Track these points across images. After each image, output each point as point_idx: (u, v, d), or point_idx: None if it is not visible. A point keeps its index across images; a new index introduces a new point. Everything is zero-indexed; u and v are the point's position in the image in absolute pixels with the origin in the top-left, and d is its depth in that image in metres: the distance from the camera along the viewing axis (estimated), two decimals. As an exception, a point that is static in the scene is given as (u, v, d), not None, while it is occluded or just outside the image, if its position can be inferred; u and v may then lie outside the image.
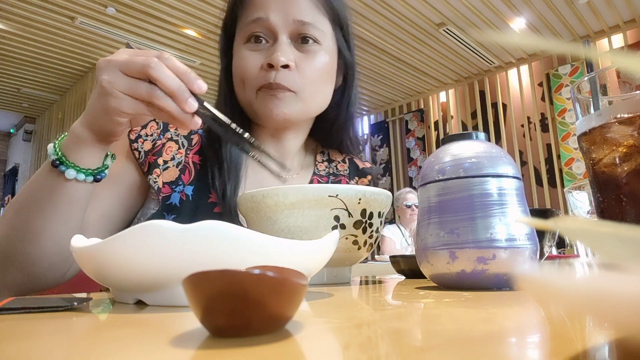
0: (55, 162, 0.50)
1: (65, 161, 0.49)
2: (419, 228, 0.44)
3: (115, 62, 0.45)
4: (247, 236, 0.28)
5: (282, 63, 0.63)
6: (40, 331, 0.22)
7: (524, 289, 0.12)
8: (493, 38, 4.31)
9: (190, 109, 0.45)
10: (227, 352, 0.15)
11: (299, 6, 0.65)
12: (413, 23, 3.73)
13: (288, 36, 0.65)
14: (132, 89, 0.45)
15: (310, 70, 0.66)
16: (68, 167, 0.49)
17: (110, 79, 0.44)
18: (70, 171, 0.49)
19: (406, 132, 5.27)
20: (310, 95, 0.67)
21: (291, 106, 0.65)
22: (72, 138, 0.49)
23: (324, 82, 0.69)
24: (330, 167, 0.81)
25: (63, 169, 0.49)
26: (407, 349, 0.17)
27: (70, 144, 0.50)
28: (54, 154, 0.50)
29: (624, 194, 0.32)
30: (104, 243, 0.29)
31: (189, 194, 0.65)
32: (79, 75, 4.55)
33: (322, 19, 0.68)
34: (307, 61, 0.66)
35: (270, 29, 0.65)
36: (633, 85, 0.36)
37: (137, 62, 0.44)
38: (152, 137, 0.66)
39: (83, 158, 0.50)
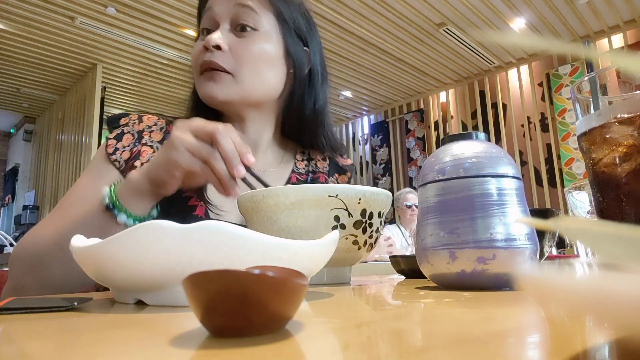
0: (110, 205, 0.55)
1: (119, 206, 0.55)
2: (419, 228, 0.44)
3: (191, 125, 0.53)
4: (247, 236, 0.28)
5: (213, 43, 0.67)
6: (40, 331, 0.22)
7: (524, 289, 0.12)
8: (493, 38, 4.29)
9: (239, 174, 0.52)
10: (227, 352, 0.15)
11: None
12: (413, 23, 3.73)
13: (229, 23, 0.70)
14: (195, 147, 0.52)
15: (245, 53, 0.69)
16: (120, 212, 0.55)
17: (180, 135, 0.52)
18: (122, 215, 0.55)
19: (406, 132, 5.26)
20: (248, 78, 0.70)
21: (228, 88, 0.69)
22: (129, 185, 0.55)
23: (263, 67, 0.71)
24: (310, 165, 0.84)
25: (116, 213, 0.55)
26: (407, 349, 0.17)
27: (125, 191, 0.55)
28: (109, 198, 0.56)
29: (623, 194, 0.32)
30: (104, 243, 0.29)
31: None
32: (79, 75, 4.55)
33: (263, 10, 0.72)
34: (242, 45, 0.69)
35: (214, 18, 0.70)
36: (633, 85, 0.36)
37: (208, 127, 0.52)
38: (130, 147, 0.70)
39: (134, 205, 0.56)
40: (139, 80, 4.62)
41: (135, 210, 0.56)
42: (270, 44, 0.72)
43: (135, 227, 0.27)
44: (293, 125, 0.81)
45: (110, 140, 0.69)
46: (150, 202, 0.57)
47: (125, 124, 0.72)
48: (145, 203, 0.56)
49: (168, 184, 0.54)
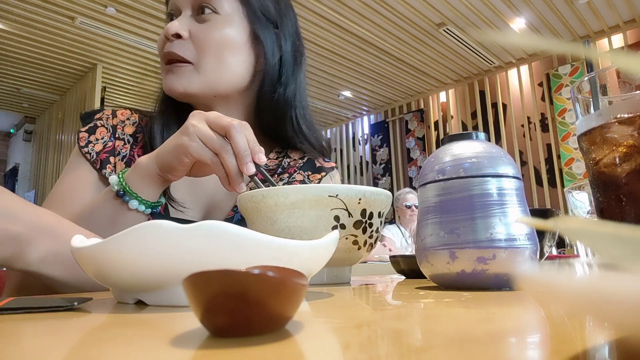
0: (120, 192, 0.55)
1: (129, 192, 0.55)
2: (419, 228, 0.44)
3: (206, 115, 0.53)
4: (247, 236, 0.28)
5: (171, 32, 0.65)
6: (40, 331, 0.22)
7: (524, 289, 0.12)
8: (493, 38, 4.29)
9: (248, 171, 0.52)
10: (227, 352, 0.15)
11: None
12: (413, 23, 3.73)
13: (190, 9, 0.67)
14: (208, 138, 0.51)
15: (206, 39, 0.66)
16: (132, 198, 0.55)
17: (195, 124, 0.52)
18: (133, 202, 0.55)
19: (406, 132, 5.27)
20: (210, 67, 0.66)
21: (190, 79, 0.66)
22: (137, 170, 0.55)
23: (226, 54, 0.68)
24: (283, 162, 0.79)
25: (127, 199, 0.55)
26: (407, 349, 0.17)
27: (134, 176, 0.55)
28: (118, 185, 0.55)
29: (623, 194, 0.32)
30: (104, 243, 0.29)
31: None
32: (79, 75, 4.55)
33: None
34: (203, 31, 0.66)
35: (177, 5, 0.68)
36: (633, 85, 0.36)
37: (224, 120, 0.52)
38: (103, 140, 0.70)
39: (144, 190, 0.55)
40: (139, 80, 4.62)
41: (145, 195, 0.55)
42: (232, 29, 0.68)
43: (135, 227, 0.27)
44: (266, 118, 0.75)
45: (82, 134, 0.69)
46: (159, 188, 0.57)
47: (99, 118, 0.72)
48: (154, 188, 0.56)
49: (176, 170, 0.54)
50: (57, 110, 5.27)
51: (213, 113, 0.53)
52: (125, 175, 0.55)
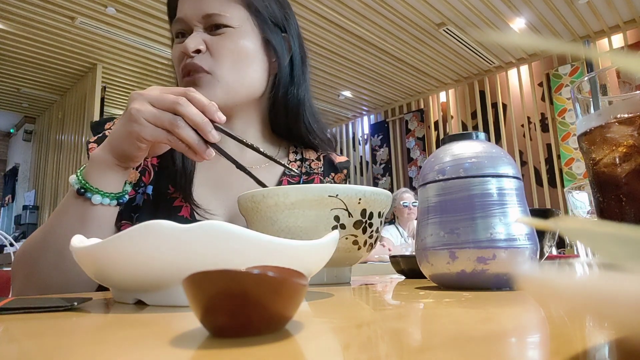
0: (80, 190, 0.53)
1: (90, 188, 0.53)
2: (419, 228, 0.44)
3: (147, 95, 0.51)
4: (247, 236, 0.28)
5: (191, 49, 0.66)
6: (40, 331, 0.22)
7: (524, 289, 0.12)
8: (493, 38, 4.30)
9: (214, 139, 0.51)
10: (227, 352, 0.15)
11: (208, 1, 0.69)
12: (413, 23, 3.73)
13: (202, 27, 0.69)
14: (157, 118, 0.50)
15: (223, 50, 0.68)
16: (93, 193, 0.53)
17: (138, 108, 0.50)
18: (96, 197, 0.53)
19: (406, 132, 5.26)
20: (229, 76, 0.68)
21: (211, 89, 0.67)
22: (94, 164, 0.54)
23: (243, 64, 0.70)
24: (303, 166, 0.82)
25: (89, 196, 0.53)
26: (407, 349, 0.17)
27: (92, 170, 0.54)
28: (78, 183, 0.53)
29: (623, 194, 0.32)
30: (104, 243, 0.29)
31: (149, 193, 0.69)
32: (79, 75, 4.55)
33: (232, 6, 0.70)
34: (220, 42, 0.68)
35: (186, 24, 0.69)
36: (633, 85, 0.36)
37: (167, 98, 0.50)
38: None
39: (105, 183, 0.54)
40: (139, 80, 4.62)
41: (107, 187, 0.54)
42: (246, 39, 0.70)
43: (135, 227, 0.27)
44: (280, 118, 0.79)
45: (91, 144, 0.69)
46: (121, 177, 0.55)
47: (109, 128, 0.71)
48: (115, 179, 0.55)
49: (135, 156, 0.53)
50: (57, 110, 5.27)
51: (153, 91, 0.51)
52: (84, 172, 0.54)
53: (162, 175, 0.70)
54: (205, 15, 0.68)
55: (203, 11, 0.68)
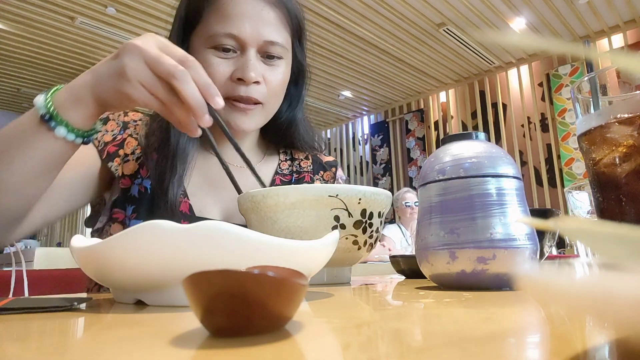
0: (45, 116, 0.46)
1: (56, 117, 0.46)
2: (419, 228, 0.44)
3: (145, 53, 0.45)
4: (247, 236, 0.28)
5: (253, 80, 0.66)
6: (40, 331, 0.22)
7: (524, 289, 0.12)
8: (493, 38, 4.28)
9: (206, 124, 0.47)
10: (227, 352, 0.15)
11: (270, 26, 0.68)
12: (413, 23, 3.73)
13: (256, 50, 0.68)
14: (153, 87, 0.45)
15: (276, 83, 0.70)
16: (59, 125, 0.46)
17: (135, 67, 0.45)
18: (60, 129, 0.46)
19: (406, 132, 5.26)
20: (273, 103, 0.71)
21: (258, 118, 0.69)
22: (70, 95, 0.47)
23: (284, 90, 0.73)
24: (293, 165, 0.84)
25: (53, 125, 0.46)
26: (407, 349, 0.17)
27: (65, 100, 0.47)
28: (44, 108, 0.46)
29: (623, 194, 0.32)
30: (104, 243, 0.29)
31: (147, 187, 0.68)
32: (78, 75, 4.55)
33: (286, 35, 0.71)
34: (273, 75, 0.69)
35: (241, 43, 0.67)
36: (633, 85, 0.36)
37: (164, 65, 0.45)
38: (113, 133, 0.69)
39: (77, 118, 0.47)
40: (139, 80, 4.62)
41: (76, 122, 0.47)
42: (289, 67, 0.73)
43: (135, 227, 0.27)
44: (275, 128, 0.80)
45: None
46: (95, 116, 0.49)
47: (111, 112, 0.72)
48: (90, 116, 0.48)
49: (118, 107, 0.48)
50: (57, 110, 5.27)
51: (151, 47, 0.46)
52: (55, 97, 0.47)
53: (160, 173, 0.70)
54: (266, 41, 0.67)
55: (264, 37, 0.67)
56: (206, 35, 0.68)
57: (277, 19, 0.69)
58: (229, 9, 0.67)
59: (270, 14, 0.68)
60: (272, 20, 0.68)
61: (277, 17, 0.69)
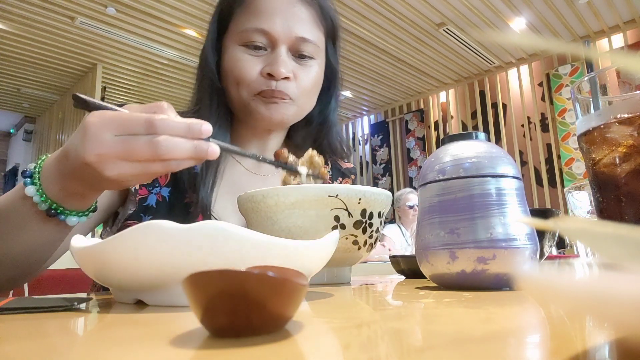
0: (51, 212, 0.43)
1: (63, 211, 0.44)
2: (419, 228, 0.44)
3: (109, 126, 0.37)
4: (248, 236, 0.28)
5: (283, 75, 0.64)
6: (40, 331, 0.22)
7: (524, 289, 0.12)
8: (493, 38, 4.30)
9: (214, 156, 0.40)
10: (227, 352, 0.15)
11: (302, 22, 0.67)
12: (413, 23, 3.73)
13: (287, 48, 0.67)
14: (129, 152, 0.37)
15: (306, 81, 0.69)
16: (68, 215, 0.44)
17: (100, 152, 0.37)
18: (72, 218, 0.45)
19: (406, 132, 5.26)
20: (304, 102, 0.70)
21: (288, 110, 0.68)
22: (65, 192, 0.43)
23: (316, 90, 0.72)
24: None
25: (63, 218, 0.44)
26: (407, 349, 0.17)
27: (63, 195, 0.43)
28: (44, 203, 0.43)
29: (623, 194, 0.32)
30: (104, 243, 0.29)
31: (165, 196, 0.66)
32: (79, 75, 4.55)
33: (319, 35, 0.70)
34: (304, 73, 0.68)
35: (271, 40, 0.66)
36: (633, 85, 0.36)
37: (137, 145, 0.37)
38: None
39: (81, 204, 0.45)
40: (139, 80, 4.62)
41: (83, 207, 0.45)
42: (321, 68, 0.72)
43: (135, 227, 0.27)
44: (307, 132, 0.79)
45: None
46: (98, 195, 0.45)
47: None
48: (93, 198, 0.45)
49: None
50: (57, 110, 5.27)
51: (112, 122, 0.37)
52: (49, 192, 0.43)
53: (180, 178, 0.67)
54: (297, 38, 0.66)
55: (296, 33, 0.66)
56: (237, 32, 0.67)
57: (309, 16, 0.68)
58: (259, 6, 0.66)
59: (302, 11, 0.67)
60: (304, 18, 0.67)
61: (309, 15, 0.68)
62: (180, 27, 3.63)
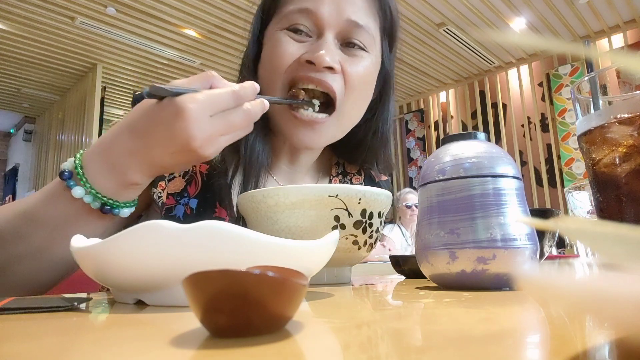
0: (105, 208, 0.43)
1: (117, 205, 0.44)
2: (419, 228, 0.44)
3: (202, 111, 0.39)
4: (247, 236, 0.28)
5: (326, 64, 0.54)
6: (40, 331, 0.22)
7: (524, 289, 0.12)
8: (493, 38, 4.31)
9: (267, 108, 0.45)
10: (227, 352, 0.15)
11: (354, 5, 0.58)
12: (413, 23, 3.73)
13: (334, 36, 0.57)
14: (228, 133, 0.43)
15: (355, 76, 0.58)
16: (121, 208, 0.45)
17: (210, 144, 0.41)
18: (125, 210, 0.45)
19: (406, 132, 5.26)
20: (349, 111, 0.60)
21: (327, 135, 0.59)
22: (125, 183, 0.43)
23: (365, 94, 0.61)
24: (344, 181, 0.74)
25: (117, 212, 0.44)
26: (407, 349, 0.17)
27: (119, 189, 0.43)
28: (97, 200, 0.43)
29: (623, 194, 0.32)
30: (104, 243, 0.29)
31: (193, 208, 0.60)
32: (79, 75, 4.55)
33: (374, 25, 0.60)
34: (353, 66, 0.57)
35: (317, 23, 0.56)
36: (633, 85, 0.36)
37: (236, 119, 0.42)
38: None
39: (134, 194, 0.46)
40: (139, 80, 4.62)
41: (132, 197, 0.46)
42: (375, 67, 0.61)
43: (135, 227, 0.27)
44: (349, 144, 0.68)
45: None
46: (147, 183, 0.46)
47: None
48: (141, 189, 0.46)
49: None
50: (57, 110, 5.27)
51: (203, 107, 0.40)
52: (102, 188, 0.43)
53: (209, 189, 0.61)
54: (347, 20, 0.57)
55: (346, 14, 0.56)
56: (280, 17, 0.58)
57: (365, 2, 0.59)
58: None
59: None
60: (358, 2, 0.58)
61: (365, 1, 0.59)
62: (180, 27, 3.63)
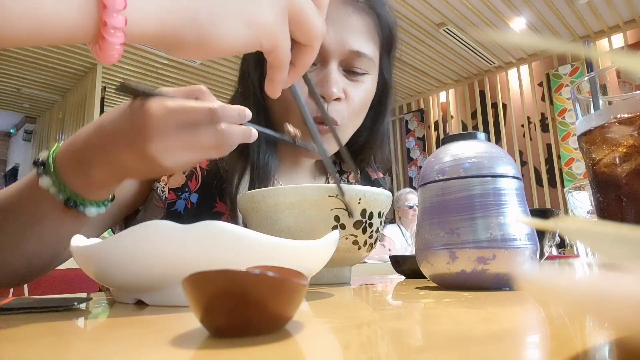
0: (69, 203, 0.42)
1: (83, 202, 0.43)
2: (419, 228, 0.44)
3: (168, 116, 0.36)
4: (247, 236, 0.28)
5: (335, 96, 0.58)
6: (40, 331, 0.22)
7: (524, 289, 0.12)
8: (493, 38, 4.30)
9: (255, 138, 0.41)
10: (227, 352, 0.15)
11: (357, 34, 0.60)
12: (413, 23, 3.73)
13: (339, 63, 0.61)
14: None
15: (357, 101, 0.62)
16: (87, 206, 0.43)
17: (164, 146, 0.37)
18: (91, 209, 0.43)
19: (406, 132, 5.26)
20: (351, 126, 0.64)
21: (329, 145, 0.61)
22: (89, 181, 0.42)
23: (365, 110, 0.66)
24: (341, 179, 0.76)
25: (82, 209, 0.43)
26: (407, 349, 0.17)
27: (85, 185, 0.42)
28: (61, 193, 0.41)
29: (623, 194, 0.32)
30: (104, 243, 0.29)
31: (194, 202, 0.61)
32: (79, 75, 4.55)
33: (374, 48, 0.64)
34: (356, 91, 0.62)
35: (322, 53, 0.59)
36: (633, 85, 0.36)
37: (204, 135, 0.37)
38: None
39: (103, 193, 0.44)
40: (139, 80, 4.62)
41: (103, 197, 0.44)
42: (374, 84, 0.64)
43: (135, 227, 0.27)
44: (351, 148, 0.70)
45: None
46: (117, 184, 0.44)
47: None
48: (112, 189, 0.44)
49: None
50: (57, 110, 5.27)
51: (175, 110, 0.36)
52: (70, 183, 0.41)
53: (209, 184, 0.62)
54: (351, 52, 0.59)
55: (349, 46, 0.59)
56: None
57: (365, 27, 0.61)
58: None
59: (358, 21, 0.60)
60: (360, 29, 0.61)
61: (365, 26, 0.61)
62: (180, 27, 3.63)
